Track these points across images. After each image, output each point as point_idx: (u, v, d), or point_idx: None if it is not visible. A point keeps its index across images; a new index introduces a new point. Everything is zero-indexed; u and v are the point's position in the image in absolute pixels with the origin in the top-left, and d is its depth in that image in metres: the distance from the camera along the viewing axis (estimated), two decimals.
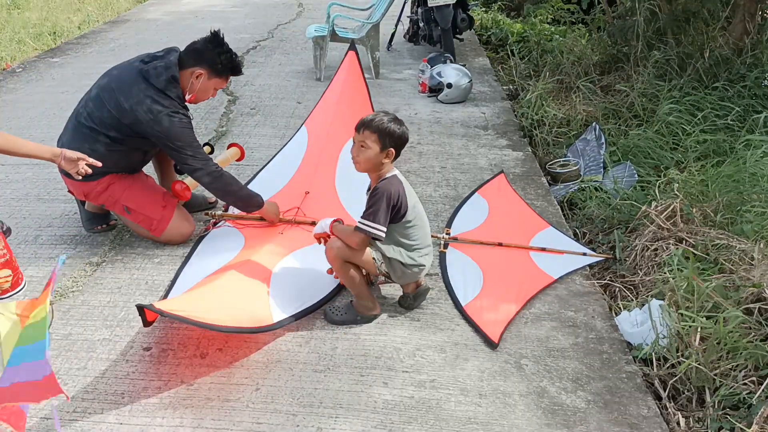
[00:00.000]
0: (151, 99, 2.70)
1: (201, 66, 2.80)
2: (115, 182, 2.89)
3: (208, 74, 2.82)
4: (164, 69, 2.75)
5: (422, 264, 2.45)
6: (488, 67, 6.13)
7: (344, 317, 2.48)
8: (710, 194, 3.12)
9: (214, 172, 2.82)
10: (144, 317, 2.09)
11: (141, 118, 2.69)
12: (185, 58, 2.81)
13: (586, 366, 2.30)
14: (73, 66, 6.05)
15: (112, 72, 2.87)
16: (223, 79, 2.89)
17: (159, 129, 2.71)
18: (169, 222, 2.95)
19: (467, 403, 2.11)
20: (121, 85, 2.75)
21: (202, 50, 2.81)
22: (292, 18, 8.20)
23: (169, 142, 2.74)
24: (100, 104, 2.78)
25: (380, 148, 2.28)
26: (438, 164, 3.96)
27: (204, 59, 2.80)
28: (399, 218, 2.35)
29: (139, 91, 2.71)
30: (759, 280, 2.46)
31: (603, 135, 4.10)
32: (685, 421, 2.09)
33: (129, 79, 2.76)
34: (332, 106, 3.78)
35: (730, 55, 4.60)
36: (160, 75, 2.74)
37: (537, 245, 3.01)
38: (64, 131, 2.93)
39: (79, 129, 2.82)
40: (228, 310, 2.31)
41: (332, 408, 2.09)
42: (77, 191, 2.97)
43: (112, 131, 2.77)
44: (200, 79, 2.82)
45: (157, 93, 2.72)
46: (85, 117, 2.80)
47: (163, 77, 2.74)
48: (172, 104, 2.74)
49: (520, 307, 2.59)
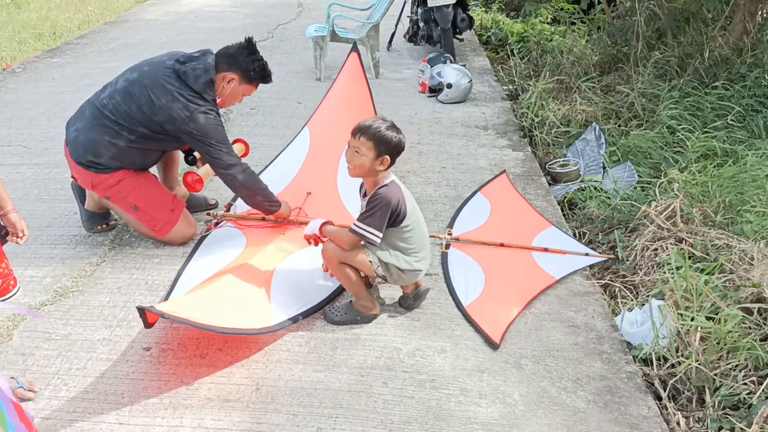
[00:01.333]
0: (186, 98, 2.71)
1: (233, 71, 2.83)
2: (127, 178, 2.89)
3: (239, 80, 2.86)
4: (203, 72, 2.77)
5: (419, 269, 2.45)
6: (488, 67, 6.13)
7: (344, 317, 2.48)
8: (710, 194, 3.13)
9: (248, 169, 2.85)
10: (145, 319, 2.09)
11: (176, 115, 2.70)
12: (219, 62, 2.83)
13: (586, 366, 2.30)
14: (73, 66, 6.05)
15: (142, 68, 2.84)
16: (253, 86, 2.93)
17: (194, 126, 2.72)
18: (174, 225, 2.96)
19: (467, 403, 2.11)
20: (155, 82, 2.74)
21: (237, 56, 2.84)
22: (292, 18, 8.19)
23: (204, 139, 2.75)
24: (128, 99, 2.75)
25: (375, 155, 2.25)
26: (438, 164, 3.96)
27: (237, 65, 2.83)
28: (397, 223, 2.35)
29: (174, 89, 2.71)
30: (759, 280, 2.46)
31: (603, 135, 4.10)
32: (685, 421, 2.09)
33: (163, 76, 2.75)
34: (334, 107, 3.78)
35: (730, 55, 4.60)
36: (198, 77, 2.76)
37: (539, 245, 3.01)
38: (77, 116, 2.89)
39: (100, 120, 2.79)
40: (229, 312, 2.31)
41: (332, 408, 2.09)
42: (85, 181, 2.91)
43: (140, 127, 2.76)
44: (231, 84, 2.85)
45: (193, 94, 2.74)
46: (110, 110, 2.78)
47: (201, 80, 2.76)
48: (206, 105, 2.76)
49: (522, 308, 2.59)
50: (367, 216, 2.29)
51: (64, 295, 2.65)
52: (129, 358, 2.30)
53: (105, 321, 2.50)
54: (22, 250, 2.96)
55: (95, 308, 2.58)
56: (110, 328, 2.45)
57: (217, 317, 2.21)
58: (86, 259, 2.91)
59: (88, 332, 2.43)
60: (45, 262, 2.88)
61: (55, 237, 3.10)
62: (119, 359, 2.29)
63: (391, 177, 2.36)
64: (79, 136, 2.82)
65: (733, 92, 4.25)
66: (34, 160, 3.96)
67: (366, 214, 2.30)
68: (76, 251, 2.98)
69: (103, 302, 2.62)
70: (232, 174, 2.82)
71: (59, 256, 2.94)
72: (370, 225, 2.28)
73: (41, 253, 2.97)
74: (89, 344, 2.37)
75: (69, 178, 3.24)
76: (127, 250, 2.99)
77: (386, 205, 2.27)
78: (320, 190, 3.25)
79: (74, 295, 2.66)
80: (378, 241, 2.31)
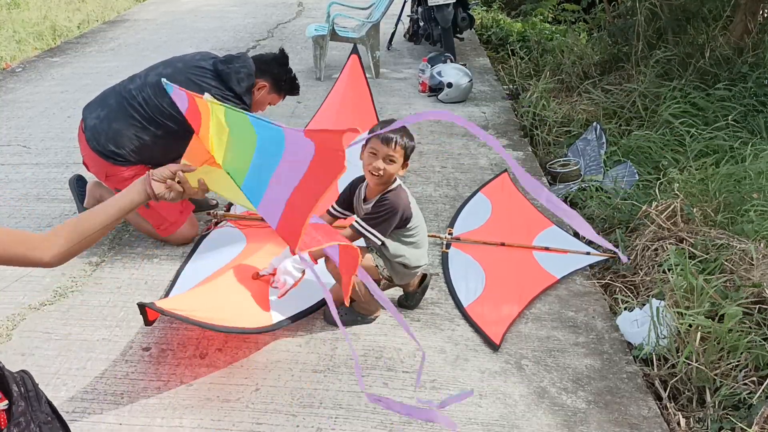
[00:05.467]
0: (229, 100, 2.71)
1: (266, 79, 2.88)
2: (141, 174, 2.87)
3: (269, 89, 2.91)
4: (246, 76, 2.81)
5: (423, 263, 2.46)
6: (488, 67, 6.13)
7: (344, 318, 2.48)
8: (710, 194, 3.12)
9: None
10: (145, 316, 2.09)
11: None
12: (257, 69, 2.86)
13: (587, 366, 2.30)
14: (73, 66, 6.05)
15: (175, 64, 2.84)
16: (280, 96, 2.98)
17: None
18: (179, 227, 2.96)
19: (467, 403, 2.11)
20: (193, 78, 2.73)
21: (271, 64, 2.89)
22: (292, 17, 8.19)
23: None
24: (161, 93, 2.68)
25: (403, 161, 2.27)
26: (438, 164, 3.95)
27: (271, 74, 2.89)
28: (403, 225, 2.35)
29: (212, 87, 2.72)
30: (759, 280, 2.46)
31: (604, 135, 4.09)
32: (686, 421, 2.08)
33: (200, 75, 2.76)
34: (335, 110, 3.78)
35: (731, 55, 4.59)
36: (242, 81, 2.79)
37: (540, 244, 3.00)
38: (99, 104, 2.84)
39: (127, 111, 2.76)
40: (228, 311, 2.30)
41: (332, 408, 2.09)
42: (99, 170, 2.87)
43: (170, 121, 2.74)
44: (262, 91, 2.90)
45: (233, 95, 2.77)
46: (139, 102, 2.76)
47: (244, 83, 2.80)
48: (244, 108, 2.76)
49: (522, 308, 2.59)
50: (372, 220, 2.29)
51: (63, 295, 2.65)
52: (128, 358, 2.30)
53: (104, 321, 2.49)
54: None
55: (95, 308, 2.58)
56: (109, 328, 2.45)
57: (216, 315, 2.21)
58: (86, 259, 2.90)
59: (88, 332, 2.43)
60: None
61: None
62: (119, 359, 2.29)
63: (398, 181, 2.36)
64: (101, 125, 2.78)
65: (734, 92, 4.24)
66: (34, 160, 3.96)
67: (374, 221, 2.29)
68: None
69: (103, 302, 2.61)
70: None
71: None
72: (374, 227, 2.28)
73: None
74: (89, 344, 2.37)
75: (69, 177, 3.24)
76: (127, 250, 2.99)
77: (395, 213, 2.27)
78: None
79: (74, 294, 2.66)
80: (378, 243, 2.31)
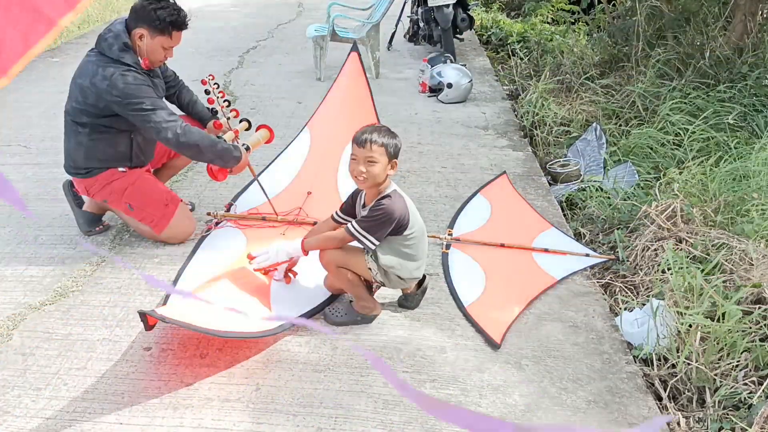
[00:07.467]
0: (103, 68, 2.66)
1: (141, 26, 2.69)
2: (119, 179, 2.88)
3: (149, 33, 2.70)
4: (114, 38, 2.69)
5: (417, 277, 2.46)
6: (488, 67, 6.13)
7: (344, 318, 2.48)
8: (710, 194, 3.12)
9: (182, 126, 2.69)
10: (146, 322, 2.09)
11: (100, 87, 2.64)
12: (128, 22, 2.72)
13: (587, 366, 2.30)
14: (73, 66, 5.96)
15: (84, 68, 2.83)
16: (166, 36, 2.71)
17: (116, 93, 2.63)
18: (170, 219, 2.94)
19: (467, 404, 2.11)
20: (80, 69, 2.78)
21: (139, 8, 2.69)
22: (292, 18, 8.20)
23: (129, 103, 2.63)
24: (70, 96, 2.80)
25: (387, 160, 2.24)
26: (438, 164, 3.95)
27: (142, 18, 2.68)
28: (399, 233, 2.33)
29: (92, 64, 2.70)
30: (759, 280, 2.46)
31: (604, 135, 4.09)
32: (686, 421, 2.09)
33: (85, 60, 2.78)
34: (335, 107, 3.77)
35: (730, 55, 4.60)
36: (111, 46, 2.69)
37: (540, 246, 3.00)
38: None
39: (67, 126, 2.86)
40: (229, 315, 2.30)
41: (332, 408, 2.09)
42: (80, 189, 2.99)
43: (85, 117, 2.76)
44: (144, 39, 2.71)
45: (111, 62, 2.66)
46: (69, 113, 2.84)
47: (114, 47, 2.68)
48: (123, 67, 2.66)
49: (523, 308, 2.59)
50: (366, 224, 2.28)
51: (64, 295, 2.65)
52: (129, 358, 2.30)
53: (105, 321, 2.49)
54: (22, 250, 2.96)
55: (95, 308, 2.58)
56: (110, 328, 2.45)
57: (217, 321, 2.21)
58: (86, 259, 2.90)
59: (88, 332, 2.43)
60: (45, 262, 2.88)
61: (55, 237, 3.10)
62: (119, 359, 2.29)
63: (392, 186, 2.34)
64: (64, 148, 2.92)
65: (734, 92, 4.25)
66: (34, 160, 3.96)
67: (367, 223, 2.28)
68: (76, 251, 2.98)
69: (103, 302, 2.61)
70: (163, 136, 2.67)
71: (59, 256, 2.94)
72: (368, 231, 2.27)
73: (41, 253, 2.96)
74: (89, 344, 2.37)
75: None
76: (127, 250, 2.99)
77: (389, 219, 2.26)
78: (320, 190, 3.25)
79: (74, 294, 2.66)
80: (373, 248, 2.31)
